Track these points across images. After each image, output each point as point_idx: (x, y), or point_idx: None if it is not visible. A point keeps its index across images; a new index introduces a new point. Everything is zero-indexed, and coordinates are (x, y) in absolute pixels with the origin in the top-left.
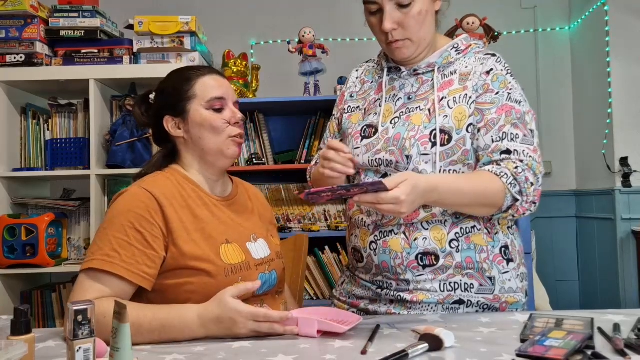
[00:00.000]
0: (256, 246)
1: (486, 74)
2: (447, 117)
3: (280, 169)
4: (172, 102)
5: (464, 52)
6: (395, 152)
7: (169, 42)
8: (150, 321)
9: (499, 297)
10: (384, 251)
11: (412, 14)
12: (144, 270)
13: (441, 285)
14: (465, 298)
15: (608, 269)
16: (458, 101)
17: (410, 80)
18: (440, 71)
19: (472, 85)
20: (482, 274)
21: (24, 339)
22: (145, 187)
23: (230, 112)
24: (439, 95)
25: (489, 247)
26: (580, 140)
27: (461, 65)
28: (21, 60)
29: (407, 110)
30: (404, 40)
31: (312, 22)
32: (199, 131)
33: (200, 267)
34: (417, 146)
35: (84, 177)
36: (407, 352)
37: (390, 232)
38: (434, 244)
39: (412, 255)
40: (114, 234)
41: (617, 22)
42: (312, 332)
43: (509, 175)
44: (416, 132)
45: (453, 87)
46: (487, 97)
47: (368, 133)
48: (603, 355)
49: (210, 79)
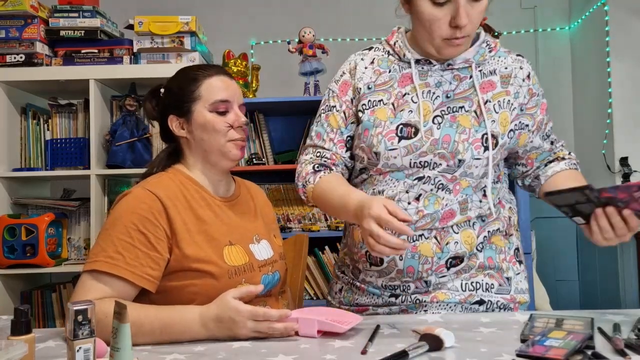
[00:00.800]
0: (259, 247)
1: (527, 78)
2: (494, 121)
3: (280, 169)
4: (177, 102)
5: (494, 50)
6: (446, 155)
7: (169, 42)
8: (151, 321)
9: (514, 298)
10: (412, 256)
11: (480, 9)
12: (148, 272)
13: (463, 285)
14: (486, 298)
15: (608, 269)
16: (502, 106)
17: (446, 75)
18: (477, 68)
19: (514, 90)
20: (501, 274)
21: (24, 339)
22: (148, 189)
23: (234, 116)
24: (483, 97)
25: (505, 249)
26: (580, 140)
27: (500, 65)
28: (21, 60)
29: (449, 109)
30: (466, 36)
31: (312, 22)
32: (201, 133)
33: (204, 269)
34: (471, 150)
35: (84, 177)
36: (407, 352)
37: (420, 237)
38: (464, 247)
39: (442, 259)
40: (117, 236)
41: (617, 22)
42: (312, 332)
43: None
44: (468, 135)
45: (496, 91)
46: (533, 101)
47: (407, 133)
48: (603, 355)
49: (218, 80)
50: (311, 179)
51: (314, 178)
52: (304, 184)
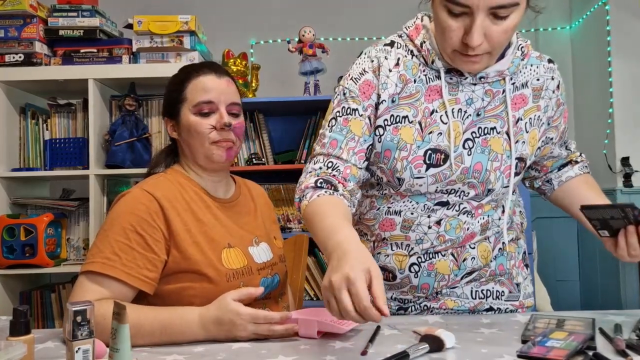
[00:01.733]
0: (258, 250)
1: (557, 89)
2: (524, 142)
3: (280, 169)
4: (168, 104)
5: (527, 56)
6: (477, 185)
7: (169, 41)
8: (151, 322)
9: (523, 303)
10: (428, 274)
11: (504, 27)
12: (145, 274)
13: (473, 292)
14: (495, 305)
15: (609, 269)
16: (533, 124)
17: (477, 91)
18: (510, 81)
19: (544, 104)
20: (511, 281)
21: (23, 339)
22: (146, 189)
23: (218, 117)
24: (514, 115)
25: (515, 254)
26: (581, 140)
27: (532, 77)
28: (20, 60)
29: (480, 131)
30: (484, 54)
31: (312, 21)
32: (187, 136)
33: (202, 272)
34: (502, 179)
35: (83, 177)
36: (407, 353)
37: (437, 254)
38: (480, 262)
39: (459, 276)
40: (114, 237)
41: (618, 21)
42: (312, 333)
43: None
44: (500, 162)
45: (527, 107)
46: (559, 111)
47: (436, 160)
48: (604, 356)
49: (205, 80)
50: (309, 194)
51: (311, 194)
52: (301, 197)
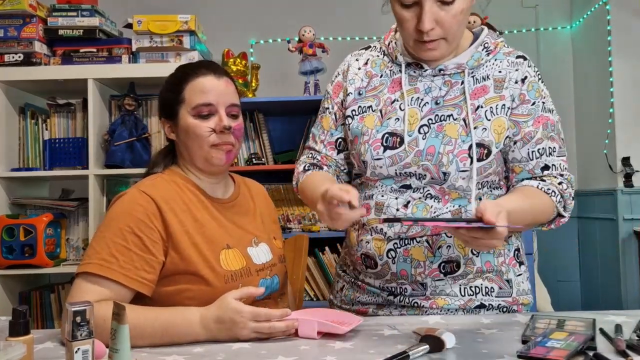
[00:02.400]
0: (257, 251)
1: (521, 82)
2: (486, 129)
3: (280, 169)
4: (165, 105)
5: (493, 53)
6: (430, 168)
7: (168, 41)
8: (152, 323)
9: (517, 300)
10: (404, 259)
11: (453, 12)
12: (142, 275)
13: (461, 290)
14: (487, 302)
15: (610, 269)
16: (496, 112)
17: (436, 81)
18: (470, 74)
19: (509, 94)
20: (500, 277)
21: (23, 340)
22: (144, 190)
23: (217, 119)
24: (474, 103)
25: (505, 251)
26: (582, 140)
27: (494, 69)
28: (19, 60)
29: (437, 117)
30: (439, 39)
31: (312, 21)
32: (185, 138)
33: (200, 273)
34: (456, 162)
35: (82, 177)
36: (407, 354)
37: (412, 240)
38: (457, 251)
39: (434, 264)
40: (112, 238)
41: (618, 21)
42: (312, 333)
43: (557, 193)
44: (454, 146)
45: (489, 95)
46: (523, 108)
47: (392, 142)
48: (605, 357)
49: (203, 81)
50: (301, 177)
51: (302, 176)
52: (296, 183)
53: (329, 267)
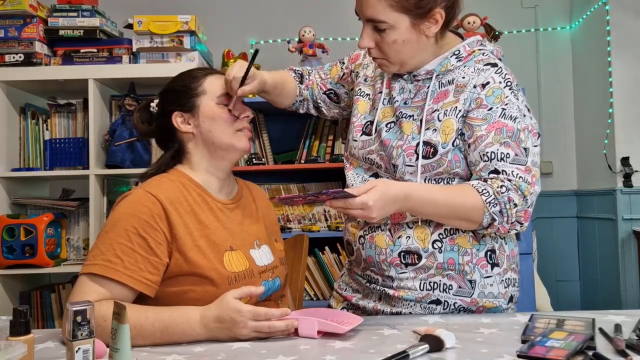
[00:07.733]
0: (259, 253)
1: (481, 87)
2: (436, 130)
3: (280, 169)
4: (181, 99)
5: (464, 60)
6: (384, 158)
7: (169, 41)
8: (152, 323)
9: (477, 301)
10: (370, 246)
11: (387, 41)
12: (146, 276)
13: (421, 284)
14: (443, 298)
15: (609, 269)
16: (448, 114)
17: (409, 85)
18: (438, 79)
19: (463, 98)
20: (462, 276)
21: (23, 339)
22: (149, 191)
23: (240, 107)
24: (432, 106)
25: (473, 250)
26: (581, 140)
27: (459, 75)
28: (20, 60)
29: (401, 115)
30: (382, 59)
31: (312, 21)
32: (209, 125)
33: (204, 275)
34: (403, 157)
35: (83, 177)
36: (407, 353)
37: (377, 228)
38: (416, 243)
39: (395, 252)
40: (116, 239)
41: (618, 21)
42: (312, 332)
43: (491, 194)
44: (404, 141)
45: (447, 100)
46: (479, 112)
47: (368, 130)
48: (604, 356)
49: (218, 78)
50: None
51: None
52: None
53: (329, 267)
